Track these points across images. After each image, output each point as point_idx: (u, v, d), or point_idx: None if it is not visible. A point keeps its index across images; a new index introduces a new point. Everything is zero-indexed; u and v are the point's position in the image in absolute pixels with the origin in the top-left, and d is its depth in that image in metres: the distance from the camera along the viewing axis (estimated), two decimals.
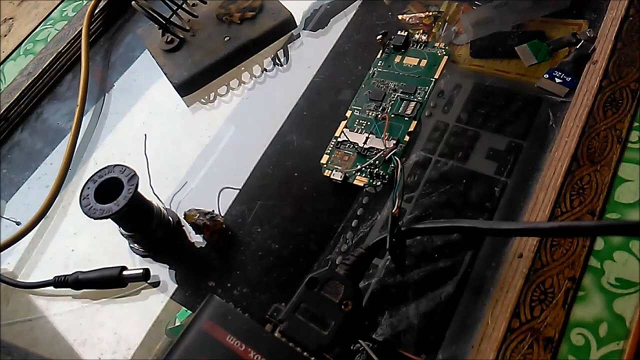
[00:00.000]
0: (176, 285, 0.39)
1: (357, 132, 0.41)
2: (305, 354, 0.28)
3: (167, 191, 0.43)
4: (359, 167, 0.39)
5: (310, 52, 0.48)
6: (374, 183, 0.38)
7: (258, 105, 0.47)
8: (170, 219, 0.40)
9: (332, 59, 0.47)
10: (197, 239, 0.40)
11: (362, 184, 0.38)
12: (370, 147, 0.39)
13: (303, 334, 0.28)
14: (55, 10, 0.59)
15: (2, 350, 0.38)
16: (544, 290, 0.31)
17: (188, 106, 0.48)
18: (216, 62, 0.48)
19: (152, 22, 0.48)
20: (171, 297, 0.38)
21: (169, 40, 0.49)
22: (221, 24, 0.49)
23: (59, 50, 0.53)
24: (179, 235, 0.41)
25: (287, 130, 0.44)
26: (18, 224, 0.44)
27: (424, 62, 0.43)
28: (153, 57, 0.50)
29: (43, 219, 0.43)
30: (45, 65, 0.53)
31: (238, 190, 0.42)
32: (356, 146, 0.40)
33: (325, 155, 0.40)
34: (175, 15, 0.49)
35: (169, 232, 0.40)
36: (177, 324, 0.37)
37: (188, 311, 0.37)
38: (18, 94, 0.51)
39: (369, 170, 0.38)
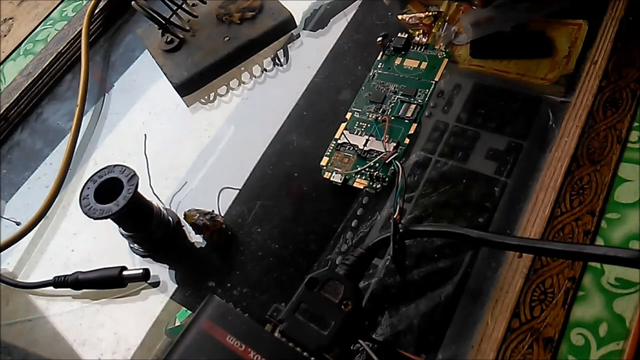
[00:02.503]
0: (176, 285, 0.39)
1: (357, 134, 0.41)
2: (305, 354, 0.28)
3: (167, 191, 0.43)
4: (358, 169, 0.39)
5: (310, 52, 0.48)
6: (373, 186, 0.38)
7: (258, 105, 0.47)
8: (170, 219, 0.40)
9: (332, 59, 0.47)
10: (197, 239, 0.40)
11: (361, 187, 0.38)
12: (370, 150, 0.40)
13: (303, 334, 0.28)
14: (55, 11, 0.59)
15: (2, 350, 0.38)
16: (544, 290, 0.31)
17: (188, 106, 0.48)
18: (216, 62, 0.48)
19: (152, 22, 0.48)
20: (171, 297, 0.38)
21: (168, 40, 0.49)
22: (221, 24, 0.49)
23: (59, 50, 0.53)
24: (179, 235, 0.41)
25: (287, 130, 0.44)
26: (18, 224, 0.44)
27: (424, 65, 0.43)
28: (153, 57, 0.50)
29: (43, 219, 0.43)
30: (45, 66, 0.53)
31: (238, 190, 0.42)
32: (356, 148, 0.40)
33: (325, 158, 0.41)
34: (175, 15, 0.49)
35: (169, 232, 0.40)
36: (177, 324, 0.37)
37: (188, 311, 0.37)
38: (18, 94, 0.51)
39: (368, 172, 0.38)
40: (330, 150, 0.41)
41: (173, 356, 0.28)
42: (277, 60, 0.48)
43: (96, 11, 0.55)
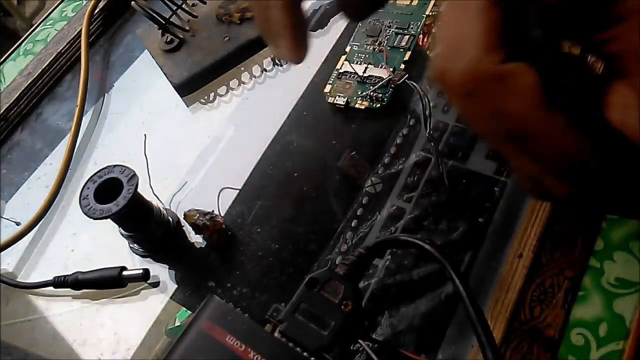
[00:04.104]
0: (176, 286, 0.39)
1: (356, 64, 0.44)
2: (305, 354, 0.28)
3: (167, 191, 0.43)
4: (360, 93, 0.42)
5: (310, 52, 0.48)
6: (374, 106, 0.41)
7: (258, 105, 0.47)
8: (170, 219, 0.40)
9: (332, 59, 0.47)
10: (197, 239, 0.40)
11: (363, 107, 0.42)
12: (370, 75, 0.43)
13: (303, 334, 0.28)
14: (55, 11, 0.59)
15: (2, 351, 0.38)
16: (544, 290, 0.31)
17: (188, 106, 0.48)
18: (216, 62, 0.48)
19: (152, 22, 0.48)
20: (171, 297, 0.38)
21: (168, 40, 0.49)
22: (221, 24, 0.49)
23: (59, 50, 0.53)
24: (178, 235, 0.41)
25: (287, 130, 0.44)
26: (18, 224, 0.44)
27: (415, 1, 0.46)
28: (153, 57, 0.50)
29: (43, 219, 0.43)
30: (44, 66, 0.52)
31: (238, 190, 0.42)
32: (356, 75, 0.43)
33: (328, 85, 0.44)
34: (175, 15, 0.49)
35: (169, 232, 0.40)
36: (177, 324, 0.37)
37: (188, 311, 0.37)
38: (18, 94, 0.51)
39: (368, 95, 0.42)
40: (332, 79, 0.44)
41: (173, 356, 0.28)
42: (277, 60, 0.48)
43: (96, 11, 0.55)
